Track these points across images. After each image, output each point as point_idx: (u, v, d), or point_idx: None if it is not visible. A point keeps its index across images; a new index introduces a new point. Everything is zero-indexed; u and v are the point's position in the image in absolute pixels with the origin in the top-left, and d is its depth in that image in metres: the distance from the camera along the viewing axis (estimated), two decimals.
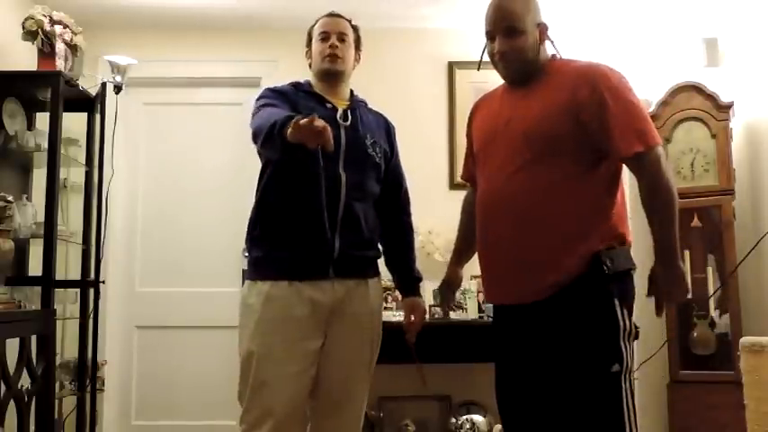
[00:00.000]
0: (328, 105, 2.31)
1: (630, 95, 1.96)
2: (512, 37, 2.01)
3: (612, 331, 1.91)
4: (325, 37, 2.36)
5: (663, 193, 1.92)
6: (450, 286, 2.41)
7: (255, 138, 2.15)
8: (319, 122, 1.85)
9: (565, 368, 1.92)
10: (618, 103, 1.92)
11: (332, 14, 2.43)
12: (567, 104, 1.94)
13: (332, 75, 2.35)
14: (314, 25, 2.44)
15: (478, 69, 2.28)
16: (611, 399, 1.89)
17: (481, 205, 2.10)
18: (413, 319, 2.41)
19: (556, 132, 1.94)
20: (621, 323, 1.92)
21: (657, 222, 1.93)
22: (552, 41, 2.10)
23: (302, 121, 1.86)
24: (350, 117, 2.32)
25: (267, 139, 2.06)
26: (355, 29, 2.45)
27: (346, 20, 2.43)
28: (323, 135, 1.86)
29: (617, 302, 1.92)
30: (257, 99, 2.31)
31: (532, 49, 2.03)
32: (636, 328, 1.99)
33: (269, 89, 2.36)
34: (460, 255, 2.39)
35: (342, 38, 2.37)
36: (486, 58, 2.13)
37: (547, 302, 1.94)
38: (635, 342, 1.98)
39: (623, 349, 1.91)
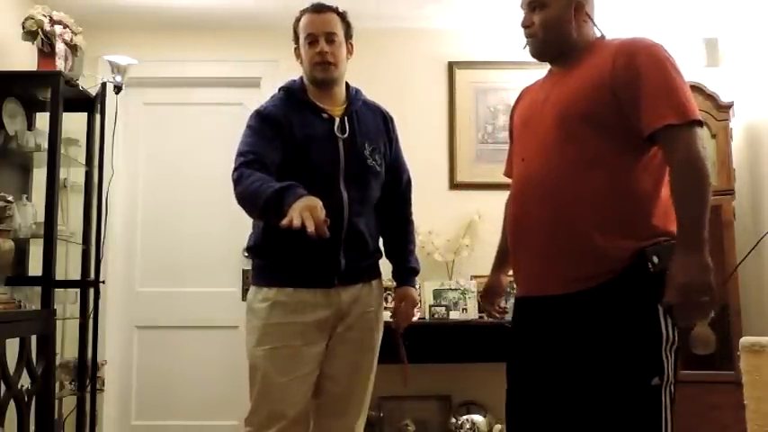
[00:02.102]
0: (325, 116, 2.23)
1: (672, 70, 1.77)
2: (532, 10, 1.94)
3: (654, 341, 1.72)
4: (312, 41, 2.21)
5: (697, 170, 1.71)
6: (488, 294, 2.23)
7: (240, 203, 2.06)
8: (311, 227, 1.78)
9: (595, 376, 1.74)
10: (656, 73, 1.75)
11: (316, 9, 2.25)
12: (604, 80, 1.78)
13: (325, 83, 2.25)
14: (299, 19, 2.27)
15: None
16: (648, 413, 1.70)
17: (514, 191, 1.96)
18: (402, 306, 2.36)
19: (592, 110, 1.79)
20: (664, 332, 1.72)
21: (686, 201, 1.71)
22: (592, 20, 1.95)
23: (293, 224, 1.80)
24: (347, 128, 2.24)
25: (264, 217, 2.04)
26: (343, 17, 2.28)
27: (332, 10, 2.26)
28: (318, 230, 1.80)
29: (660, 309, 1.72)
30: (247, 126, 2.21)
31: (557, 25, 1.90)
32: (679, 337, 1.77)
33: (259, 115, 2.22)
34: (502, 260, 2.19)
35: (331, 38, 2.21)
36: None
37: (576, 297, 1.77)
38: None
39: (665, 361, 1.72)
